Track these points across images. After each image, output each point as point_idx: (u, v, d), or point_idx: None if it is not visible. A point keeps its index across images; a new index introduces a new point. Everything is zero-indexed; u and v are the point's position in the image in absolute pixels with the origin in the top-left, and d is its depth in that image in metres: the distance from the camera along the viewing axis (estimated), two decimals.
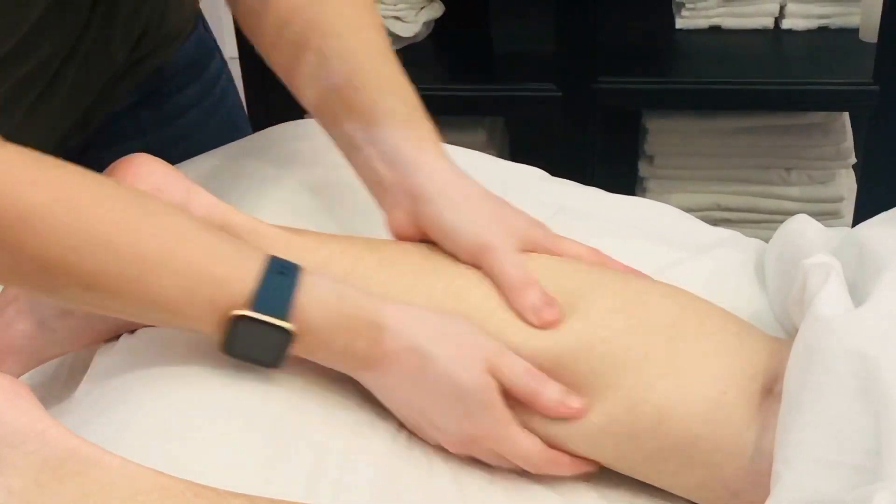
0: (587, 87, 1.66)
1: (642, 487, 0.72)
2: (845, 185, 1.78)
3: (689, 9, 1.77)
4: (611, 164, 1.83)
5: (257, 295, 0.66)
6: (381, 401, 0.71)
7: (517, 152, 1.92)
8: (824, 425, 0.61)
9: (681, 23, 1.78)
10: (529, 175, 1.02)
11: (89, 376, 0.74)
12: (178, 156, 0.88)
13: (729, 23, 1.77)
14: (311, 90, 0.82)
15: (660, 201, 1.05)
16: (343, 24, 0.81)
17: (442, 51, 1.84)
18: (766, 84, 1.66)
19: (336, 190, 0.90)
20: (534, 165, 1.03)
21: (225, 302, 0.66)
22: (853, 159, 1.77)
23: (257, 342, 0.67)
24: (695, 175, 1.80)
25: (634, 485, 0.72)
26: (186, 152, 0.97)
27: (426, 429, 0.71)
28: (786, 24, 1.76)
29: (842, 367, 0.62)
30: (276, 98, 0.92)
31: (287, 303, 0.66)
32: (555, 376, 0.71)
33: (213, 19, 1.13)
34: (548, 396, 0.70)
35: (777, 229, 0.85)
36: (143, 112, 1.03)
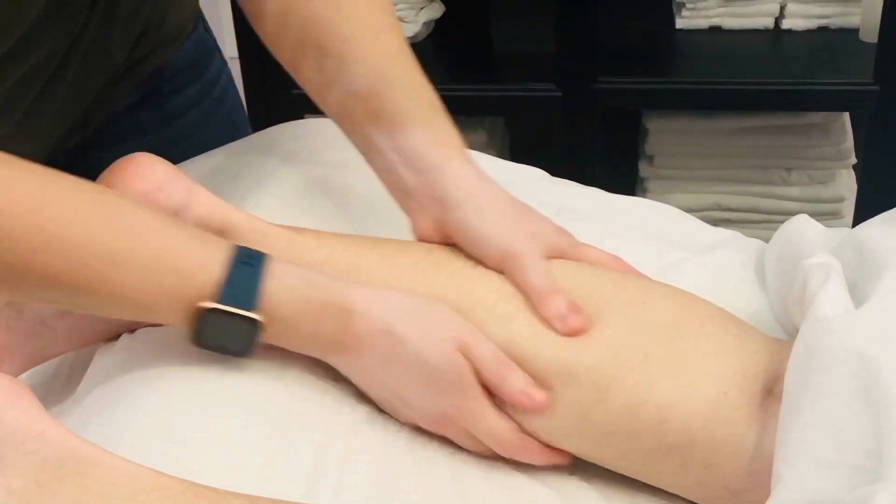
0: (587, 87, 1.66)
1: (642, 487, 0.72)
2: (845, 185, 1.78)
3: (689, 9, 1.77)
4: (611, 164, 1.83)
5: (223, 286, 0.66)
6: (354, 383, 0.72)
7: (517, 152, 1.92)
8: (824, 425, 0.61)
9: (681, 23, 1.78)
10: (529, 175, 1.02)
11: (89, 376, 0.74)
12: (178, 156, 0.88)
13: (729, 23, 1.77)
14: (331, 95, 0.81)
15: (660, 201, 1.04)
16: (363, 27, 0.81)
17: (442, 51, 1.83)
18: (766, 84, 1.66)
19: (336, 189, 0.90)
20: (534, 165, 1.03)
21: (192, 294, 0.66)
22: (853, 159, 1.77)
23: (226, 333, 0.67)
24: (695, 175, 1.80)
25: (634, 485, 0.72)
26: (186, 152, 0.97)
27: (400, 408, 0.71)
28: (786, 24, 1.76)
29: (842, 368, 0.62)
30: (276, 98, 0.93)
31: (253, 292, 0.66)
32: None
33: (213, 19, 1.13)
34: (510, 383, 0.70)
35: (777, 229, 0.85)
36: (143, 112, 1.03)
